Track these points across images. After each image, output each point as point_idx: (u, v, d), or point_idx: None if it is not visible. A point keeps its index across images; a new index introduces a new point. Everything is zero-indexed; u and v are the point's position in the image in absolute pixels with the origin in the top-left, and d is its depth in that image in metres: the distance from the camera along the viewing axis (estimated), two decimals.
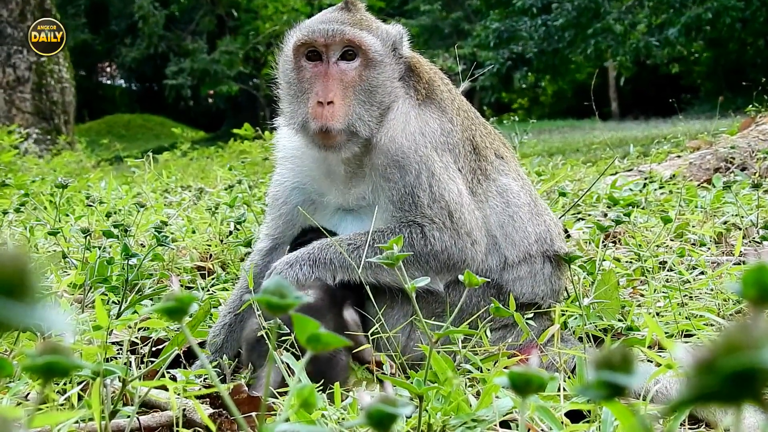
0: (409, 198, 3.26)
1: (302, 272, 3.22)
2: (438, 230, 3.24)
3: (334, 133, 3.26)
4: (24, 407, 2.38)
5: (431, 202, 3.25)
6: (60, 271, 4.33)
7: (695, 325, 3.37)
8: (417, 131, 3.35)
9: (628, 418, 1.43)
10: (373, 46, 3.33)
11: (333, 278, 3.23)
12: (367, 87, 3.33)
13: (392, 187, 3.29)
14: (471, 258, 3.28)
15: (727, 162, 7.91)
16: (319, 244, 3.29)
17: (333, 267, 3.23)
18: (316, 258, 3.25)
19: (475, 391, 2.75)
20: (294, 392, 1.61)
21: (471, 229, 3.30)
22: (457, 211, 3.27)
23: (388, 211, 3.31)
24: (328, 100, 3.26)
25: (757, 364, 0.76)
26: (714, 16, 32.09)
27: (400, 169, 3.29)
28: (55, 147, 17.51)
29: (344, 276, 3.23)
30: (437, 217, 3.25)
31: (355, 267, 3.18)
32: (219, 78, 43.79)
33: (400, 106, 3.39)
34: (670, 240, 5.03)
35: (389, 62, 3.39)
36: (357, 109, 3.30)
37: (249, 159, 12.14)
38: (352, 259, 3.19)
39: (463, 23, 43.69)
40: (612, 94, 43.49)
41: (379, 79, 3.35)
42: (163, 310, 1.39)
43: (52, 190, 7.16)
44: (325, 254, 3.24)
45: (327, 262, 3.23)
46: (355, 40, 3.30)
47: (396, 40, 3.43)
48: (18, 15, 18.38)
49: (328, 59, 3.32)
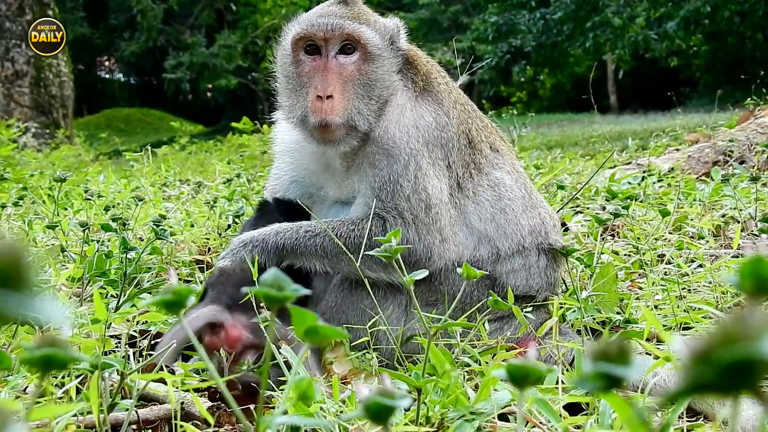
0: (390, 186, 3.26)
1: (251, 255, 3.25)
2: (402, 225, 3.24)
3: (334, 127, 3.26)
4: (22, 400, 2.38)
5: (412, 193, 3.25)
6: (58, 264, 4.33)
7: (693, 318, 3.37)
8: (411, 124, 3.35)
9: (626, 410, 1.43)
10: (372, 40, 3.33)
11: (279, 263, 3.26)
12: (366, 81, 3.33)
13: (376, 173, 3.30)
14: (438, 255, 3.28)
15: (725, 155, 7.91)
16: (278, 227, 3.32)
17: (284, 252, 3.27)
18: (269, 240, 3.28)
19: (473, 383, 2.75)
20: (292, 385, 1.61)
21: (443, 227, 3.29)
22: (435, 206, 3.27)
23: (365, 197, 3.32)
24: (328, 94, 3.25)
25: (754, 356, 0.77)
26: (713, 10, 32.13)
27: (389, 157, 3.30)
28: (53, 141, 17.50)
29: (294, 261, 3.27)
30: (409, 211, 3.24)
31: (307, 255, 3.25)
32: (218, 72, 43.83)
33: (398, 99, 3.39)
34: (669, 233, 5.03)
35: (387, 56, 3.38)
36: (356, 103, 3.30)
37: (247, 153, 12.13)
38: (309, 247, 3.23)
39: (461, 17, 43.69)
40: (611, 87, 43.48)
41: (378, 72, 3.35)
42: (161, 303, 1.39)
43: (50, 184, 7.16)
44: (279, 238, 3.28)
45: (279, 246, 3.27)
46: (354, 34, 3.30)
47: (393, 34, 3.43)
48: (16, 9, 18.36)
49: (327, 53, 3.31)
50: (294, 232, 3.27)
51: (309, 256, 3.26)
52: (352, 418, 1.99)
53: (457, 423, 2.25)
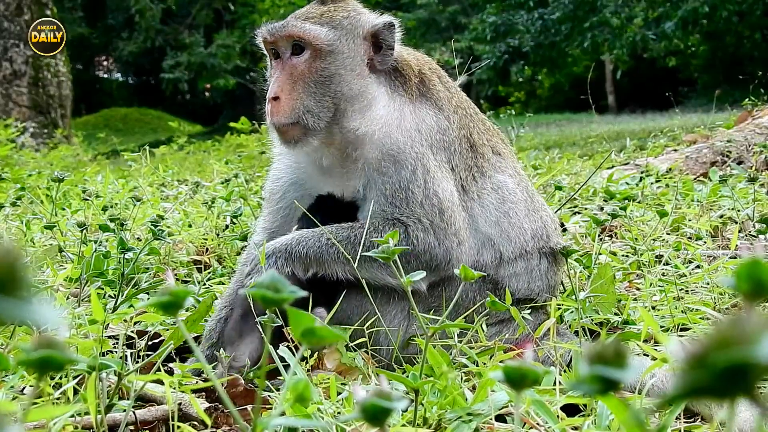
0: (402, 193, 3.25)
1: (277, 265, 3.22)
2: (423, 231, 3.22)
3: (283, 128, 3.30)
4: (19, 401, 2.38)
5: (424, 198, 3.23)
6: (56, 265, 4.33)
7: (691, 319, 3.37)
8: (413, 128, 3.34)
9: (624, 411, 1.44)
10: (320, 37, 3.31)
11: (306, 271, 3.23)
12: (318, 78, 3.32)
13: (386, 181, 3.28)
14: (456, 258, 3.25)
15: (723, 156, 7.92)
16: (299, 234, 3.29)
17: (308, 260, 3.23)
18: (292, 250, 3.25)
19: (470, 385, 2.75)
20: (289, 386, 1.61)
21: (458, 230, 3.28)
22: (448, 210, 3.25)
23: (380, 204, 3.28)
24: (274, 95, 3.30)
25: (750, 359, 0.77)
26: (711, 10, 32.15)
27: (396, 163, 3.28)
28: (51, 141, 17.48)
29: (319, 270, 3.23)
30: (425, 216, 3.23)
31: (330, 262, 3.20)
32: (216, 72, 43.80)
33: (391, 102, 3.38)
34: (667, 234, 5.03)
35: (348, 52, 3.35)
36: (305, 101, 3.30)
37: (245, 153, 12.10)
38: (330, 254, 3.20)
39: (459, 17, 43.68)
40: (609, 87, 43.50)
41: (331, 69, 3.33)
42: (158, 304, 1.39)
43: (48, 184, 7.15)
44: (302, 247, 3.24)
45: (303, 255, 3.23)
46: (295, 34, 3.31)
47: (371, 30, 3.38)
48: (15, 9, 18.34)
49: (283, 55, 3.36)
50: (316, 240, 3.23)
51: (332, 263, 3.21)
52: (350, 420, 1.99)
53: (454, 424, 2.25)
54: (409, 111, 3.38)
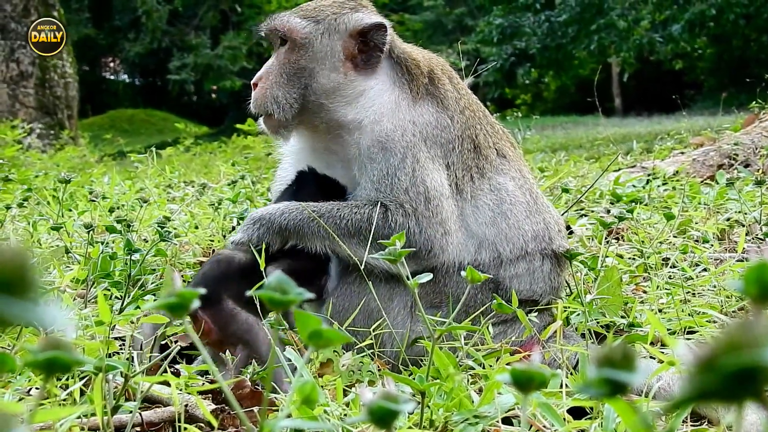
0: (388, 179, 3.27)
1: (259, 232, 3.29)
2: (403, 216, 3.23)
3: (257, 116, 3.49)
4: (26, 402, 2.38)
5: (410, 185, 3.25)
6: (63, 266, 4.33)
7: (698, 322, 3.37)
8: (407, 119, 3.36)
9: (630, 415, 1.43)
10: (295, 30, 3.39)
11: (284, 243, 3.29)
12: (291, 69, 3.40)
13: (374, 167, 3.31)
14: (439, 248, 3.26)
15: (730, 158, 7.89)
16: (284, 206, 3.34)
17: (287, 232, 3.29)
18: (274, 220, 3.31)
19: (477, 387, 2.75)
20: (296, 388, 1.61)
21: (446, 219, 3.27)
22: (435, 198, 3.26)
23: (365, 189, 3.33)
24: (254, 81, 3.46)
25: (759, 363, 0.76)
26: (717, 12, 32.11)
27: (384, 150, 3.30)
28: (58, 142, 17.49)
29: (298, 242, 3.29)
30: (409, 203, 3.24)
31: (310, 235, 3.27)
32: (222, 73, 43.87)
33: (389, 95, 3.40)
34: (673, 237, 5.02)
35: (321, 47, 3.39)
36: (274, 91, 3.40)
37: (252, 154, 12.12)
38: (310, 228, 3.25)
39: (466, 19, 43.73)
40: (615, 90, 43.47)
41: (301, 62, 3.40)
42: (165, 305, 1.39)
43: (55, 185, 7.16)
44: (284, 218, 3.29)
45: (283, 226, 3.28)
46: (278, 27, 3.42)
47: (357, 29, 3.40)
48: (21, 10, 18.37)
49: (275, 47, 3.49)
50: (299, 213, 3.28)
51: (312, 236, 3.26)
52: (357, 422, 1.99)
53: (460, 426, 2.25)
54: (407, 104, 3.40)
